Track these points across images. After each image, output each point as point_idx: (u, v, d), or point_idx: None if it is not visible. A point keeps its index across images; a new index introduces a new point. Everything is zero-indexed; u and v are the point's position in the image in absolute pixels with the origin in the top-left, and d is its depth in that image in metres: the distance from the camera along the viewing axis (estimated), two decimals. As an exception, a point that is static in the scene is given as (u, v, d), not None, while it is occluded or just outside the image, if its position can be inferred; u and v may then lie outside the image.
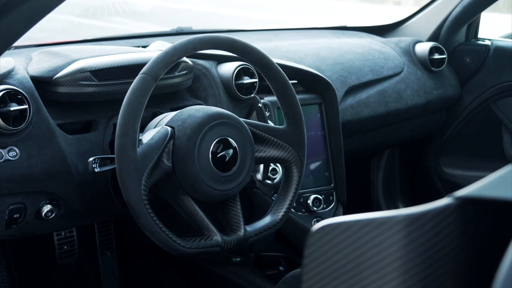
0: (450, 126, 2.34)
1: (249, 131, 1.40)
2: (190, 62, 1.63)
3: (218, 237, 1.35)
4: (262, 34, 2.34)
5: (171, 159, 1.32)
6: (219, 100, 1.65)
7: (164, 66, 1.30)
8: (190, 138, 1.31)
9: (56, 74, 1.46)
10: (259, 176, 1.67)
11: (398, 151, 2.46)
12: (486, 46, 2.27)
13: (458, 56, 2.30)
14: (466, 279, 0.67)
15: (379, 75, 2.08)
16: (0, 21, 1.12)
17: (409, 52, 2.23)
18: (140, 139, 1.37)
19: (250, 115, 1.70)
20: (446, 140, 2.36)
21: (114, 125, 1.48)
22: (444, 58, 2.21)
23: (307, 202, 1.77)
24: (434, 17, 2.32)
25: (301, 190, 1.67)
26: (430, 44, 2.21)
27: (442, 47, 2.22)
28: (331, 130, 1.83)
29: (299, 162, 1.49)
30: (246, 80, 1.67)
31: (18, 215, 1.43)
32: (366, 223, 0.68)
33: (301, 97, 1.79)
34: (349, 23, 2.53)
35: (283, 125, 1.50)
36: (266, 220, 1.46)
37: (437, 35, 2.31)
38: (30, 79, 1.44)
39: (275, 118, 1.73)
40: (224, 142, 1.35)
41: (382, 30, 2.46)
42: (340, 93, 1.94)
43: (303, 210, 1.77)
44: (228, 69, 1.68)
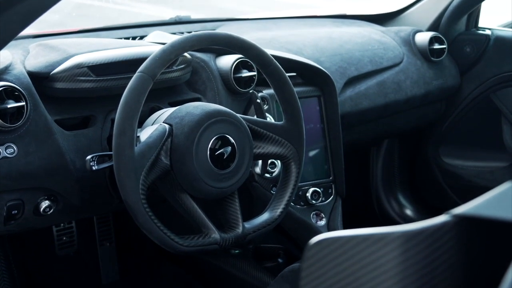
0: (449, 116, 2.33)
1: (247, 128, 1.40)
2: (188, 55, 1.62)
3: (216, 234, 1.35)
4: (261, 23, 2.32)
5: (169, 157, 1.31)
6: (218, 93, 1.64)
7: (161, 65, 1.29)
8: (188, 136, 1.31)
9: (53, 70, 1.45)
10: (258, 169, 1.66)
11: (398, 141, 2.46)
12: (487, 35, 2.26)
13: (458, 45, 2.28)
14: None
15: (379, 66, 2.07)
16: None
17: (409, 42, 2.21)
18: (138, 136, 1.37)
19: (249, 109, 1.69)
20: (445, 130, 2.35)
21: (112, 120, 1.48)
22: (444, 48, 2.20)
23: (306, 195, 1.77)
24: (435, 6, 2.30)
25: (300, 183, 1.67)
26: (430, 34, 2.20)
27: (442, 37, 2.21)
28: (330, 123, 1.83)
29: (298, 158, 1.49)
30: (245, 73, 1.66)
31: (16, 212, 1.43)
32: (364, 239, 0.67)
33: (300, 89, 1.78)
34: (349, 11, 2.51)
35: (282, 118, 1.50)
36: (264, 216, 1.46)
37: (437, 24, 2.29)
38: (27, 75, 1.43)
39: (274, 111, 1.72)
40: (222, 139, 1.35)
41: (382, 19, 2.45)
42: (339, 84, 1.94)
43: (302, 203, 1.77)
44: (226, 62, 1.67)
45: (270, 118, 1.70)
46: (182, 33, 2.11)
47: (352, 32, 2.20)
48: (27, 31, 1.79)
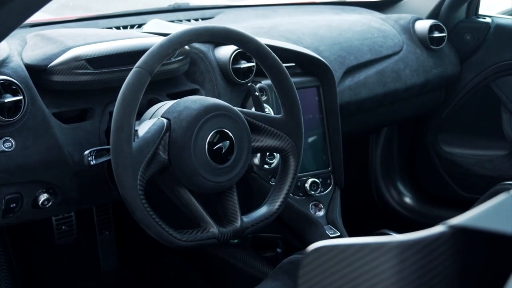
0: (449, 104, 2.33)
1: (245, 122, 1.40)
2: (186, 46, 1.61)
3: (214, 228, 1.35)
4: (260, 10, 2.31)
5: (167, 152, 1.31)
6: (216, 84, 1.64)
7: (159, 60, 1.29)
8: (186, 131, 1.30)
9: (51, 63, 1.44)
10: (256, 160, 1.66)
11: (397, 129, 2.45)
12: (487, 23, 2.24)
13: (458, 33, 2.27)
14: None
15: (378, 55, 2.06)
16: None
17: (408, 29, 2.20)
18: (136, 130, 1.37)
19: (247, 100, 1.69)
20: (445, 118, 2.35)
21: (110, 113, 1.47)
22: (444, 37, 2.19)
23: (305, 185, 1.77)
24: (435, -7, 2.29)
25: (298, 174, 1.67)
26: (430, 22, 2.19)
27: (442, 25, 2.20)
28: (329, 113, 1.82)
29: (296, 151, 1.48)
30: (243, 64, 1.66)
31: (14, 205, 1.43)
32: (360, 248, 0.67)
33: (299, 79, 1.78)
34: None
35: (281, 108, 1.49)
36: (263, 210, 1.46)
37: (437, 12, 2.28)
38: (24, 68, 1.42)
39: (273, 102, 1.72)
40: (220, 134, 1.35)
41: (382, 6, 2.43)
42: (338, 74, 1.93)
43: (301, 194, 1.77)
44: (225, 53, 1.66)
45: (268, 109, 1.69)
46: (181, 20, 2.10)
47: (351, 20, 2.19)
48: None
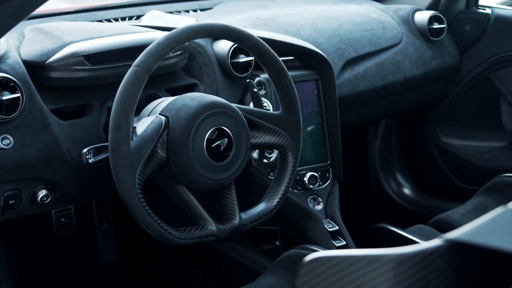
0: (448, 96, 2.32)
1: (244, 120, 1.39)
2: None
3: (213, 226, 1.36)
4: (258, 1, 2.30)
5: (166, 150, 1.31)
6: (215, 79, 1.63)
7: (157, 58, 1.28)
8: (184, 129, 1.30)
9: (48, 59, 1.43)
10: (255, 155, 1.66)
11: (396, 120, 2.45)
12: (487, 14, 2.23)
13: (458, 24, 2.26)
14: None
15: (377, 47, 2.05)
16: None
17: (408, 21, 2.19)
18: (134, 127, 1.36)
19: (246, 94, 1.68)
20: (444, 109, 2.34)
21: (109, 109, 1.47)
22: (443, 28, 2.18)
23: (303, 179, 1.77)
24: (435, -17, 2.28)
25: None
26: (430, 13, 2.17)
27: (441, 16, 2.19)
28: (328, 107, 1.82)
29: (295, 148, 1.48)
30: (242, 58, 1.65)
31: (13, 201, 1.43)
32: (358, 259, 0.67)
33: (297, 73, 1.78)
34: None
35: (279, 104, 1.49)
36: (261, 207, 1.46)
37: (437, 2, 2.26)
38: (22, 64, 1.42)
39: (271, 96, 1.71)
40: (219, 131, 1.34)
41: (382, -5, 2.42)
42: (337, 67, 1.92)
43: (299, 188, 1.77)
44: (223, 47, 1.65)
45: (267, 103, 1.69)
46: (179, 11, 2.09)
47: (350, 11, 2.17)
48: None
